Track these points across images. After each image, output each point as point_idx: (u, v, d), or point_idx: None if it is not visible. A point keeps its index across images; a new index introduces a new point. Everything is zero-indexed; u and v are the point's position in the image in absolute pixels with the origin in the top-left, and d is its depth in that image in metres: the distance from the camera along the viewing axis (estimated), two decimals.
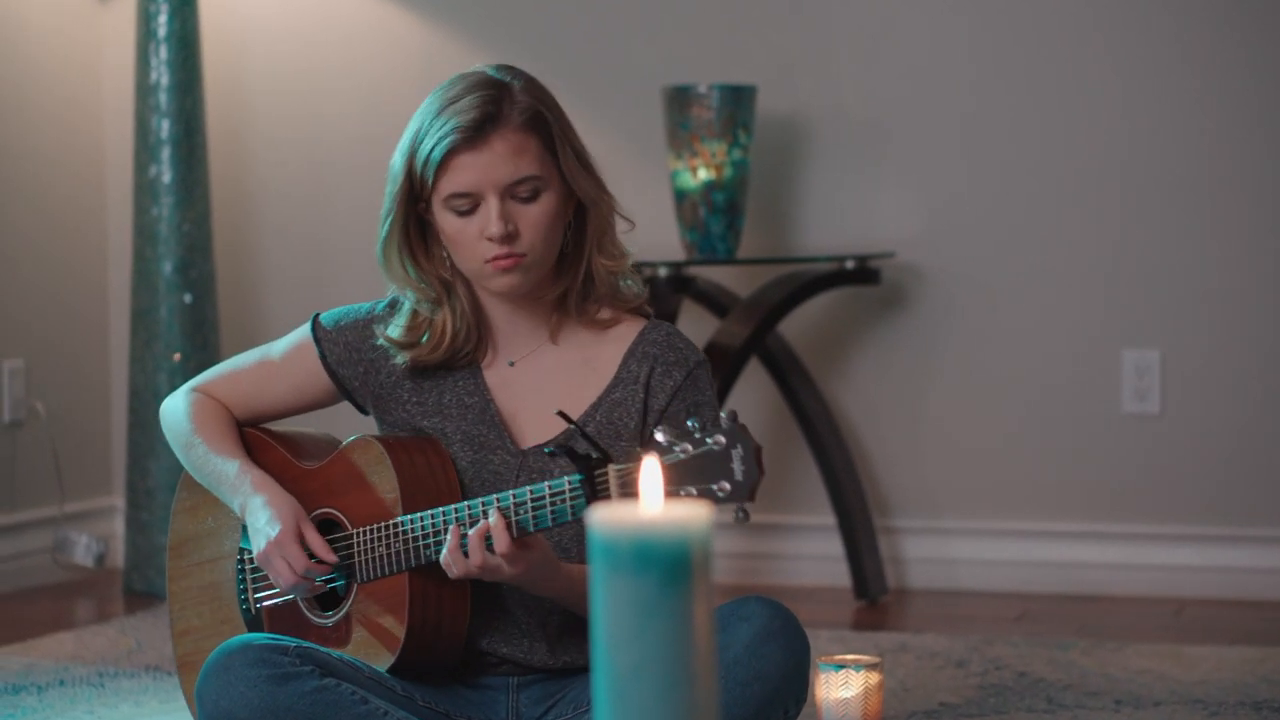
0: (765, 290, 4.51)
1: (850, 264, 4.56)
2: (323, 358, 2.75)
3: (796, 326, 4.73)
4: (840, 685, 3.11)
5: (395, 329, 2.70)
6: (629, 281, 2.70)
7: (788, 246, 4.78)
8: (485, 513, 2.51)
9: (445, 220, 2.62)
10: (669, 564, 1.40)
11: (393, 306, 2.73)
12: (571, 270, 2.67)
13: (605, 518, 1.40)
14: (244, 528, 2.73)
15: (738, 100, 4.51)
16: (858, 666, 3.12)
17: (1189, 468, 4.58)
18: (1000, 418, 4.68)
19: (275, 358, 2.80)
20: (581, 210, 2.66)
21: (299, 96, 5.09)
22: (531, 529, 2.49)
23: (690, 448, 2.33)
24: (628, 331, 2.69)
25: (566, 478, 2.46)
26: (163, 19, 4.74)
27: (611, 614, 1.41)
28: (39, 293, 4.98)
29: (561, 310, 2.69)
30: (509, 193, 2.59)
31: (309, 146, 5.09)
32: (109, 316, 5.19)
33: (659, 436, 2.35)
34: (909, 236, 4.70)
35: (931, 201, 4.71)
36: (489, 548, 2.49)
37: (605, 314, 2.69)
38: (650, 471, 1.46)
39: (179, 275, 4.77)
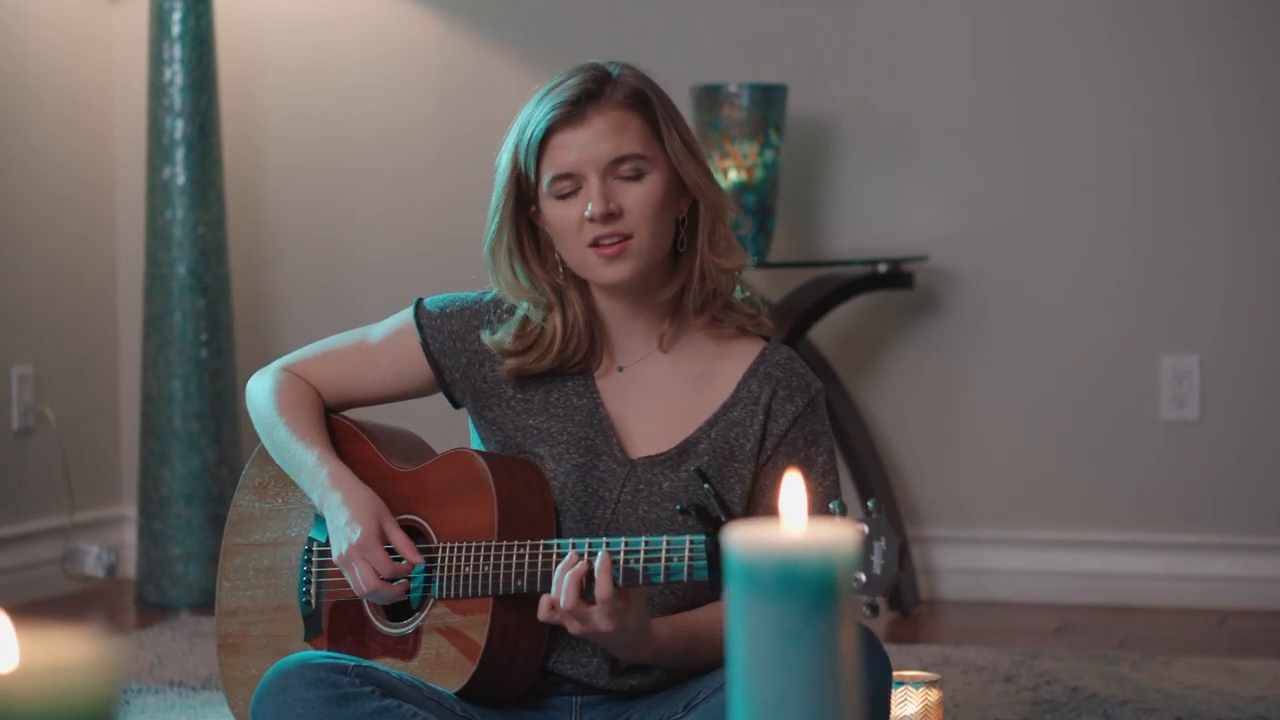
0: (797, 295, 4.42)
1: (883, 268, 4.47)
2: (425, 344, 2.64)
3: (827, 331, 4.64)
4: (900, 703, 3.02)
5: (504, 335, 2.58)
6: (747, 294, 2.59)
7: (818, 249, 4.69)
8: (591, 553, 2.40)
9: (550, 210, 2.53)
10: (814, 589, 1.31)
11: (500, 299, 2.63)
12: (685, 268, 2.56)
13: (746, 540, 1.30)
14: (318, 518, 2.62)
15: (769, 100, 4.41)
16: (917, 684, 3.03)
17: (1229, 476, 4.48)
18: (1035, 424, 4.59)
19: (373, 340, 2.69)
20: (694, 209, 2.56)
21: (316, 96, 4.99)
22: (639, 581, 2.37)
23: None
24: (747, 350, 2.58)
25: (688, 536, 2.34)
26: (177, 16, 4.65)
27: (752, 642, 1.32)
28: (47, 297, 4.87)
29: (677, 316, 2.58)
30: (611, 171, 2.50)
31: (326, 147, 4.99)
32: (119, 321, 5.08)
33: None
34: (942, 239, 4.61)
35: (965, 204, 4.62)
36: (585, 594, 2.36)
37: (724, 324, 2.58)
38: (794, 487, 1.36)
39: (193, 279, 4.67)
